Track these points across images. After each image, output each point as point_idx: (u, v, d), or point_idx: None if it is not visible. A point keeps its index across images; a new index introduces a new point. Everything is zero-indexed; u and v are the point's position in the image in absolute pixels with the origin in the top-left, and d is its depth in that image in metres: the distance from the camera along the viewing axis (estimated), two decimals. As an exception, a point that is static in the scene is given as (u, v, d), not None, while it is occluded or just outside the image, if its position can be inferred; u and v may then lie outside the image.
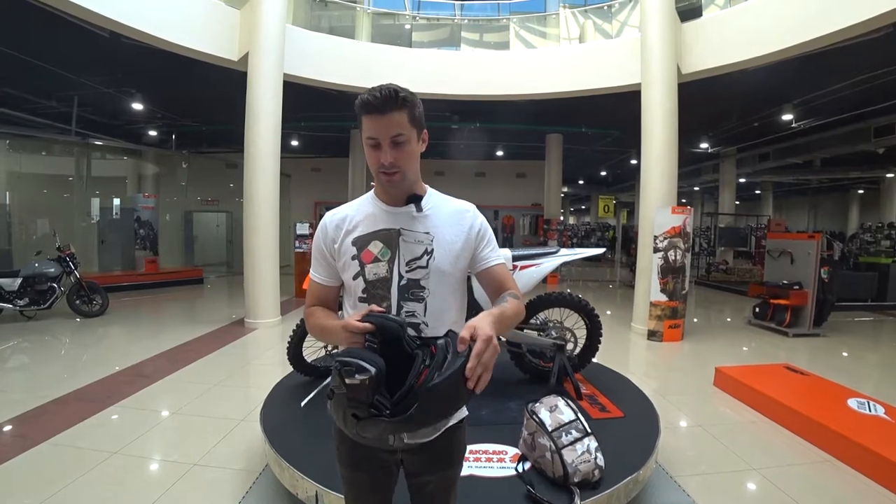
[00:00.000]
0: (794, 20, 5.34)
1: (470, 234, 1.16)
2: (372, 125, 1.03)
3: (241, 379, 4.26)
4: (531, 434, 2.14)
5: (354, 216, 1.17)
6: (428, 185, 1.22)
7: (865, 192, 19.14)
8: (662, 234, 5.67)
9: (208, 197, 13.35)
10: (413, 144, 1.08)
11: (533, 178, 14.38)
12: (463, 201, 1.23)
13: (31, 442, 2.81)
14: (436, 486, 1.19)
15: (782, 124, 9.55)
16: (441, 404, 0.85)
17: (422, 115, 1.10)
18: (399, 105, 1.02)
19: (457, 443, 1.20)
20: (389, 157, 1.05)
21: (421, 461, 1.15)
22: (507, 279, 1.18)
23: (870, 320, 7.49)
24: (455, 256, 1.14)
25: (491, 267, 1.18)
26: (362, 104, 1.03)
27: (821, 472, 2.71)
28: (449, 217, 1.17)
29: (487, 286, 1.20)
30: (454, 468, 1.22)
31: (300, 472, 2.04)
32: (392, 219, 1.14)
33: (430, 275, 1.11)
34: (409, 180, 1.12)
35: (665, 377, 4.65)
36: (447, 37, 9.01)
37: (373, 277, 1.12)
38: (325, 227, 1.19)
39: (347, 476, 1.20)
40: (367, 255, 1.12)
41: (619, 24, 8.14)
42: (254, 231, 6.14)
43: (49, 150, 10.59)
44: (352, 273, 1.14)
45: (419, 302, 1.11)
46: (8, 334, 5.50)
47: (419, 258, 1.11)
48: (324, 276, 1.21)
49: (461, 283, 1.18)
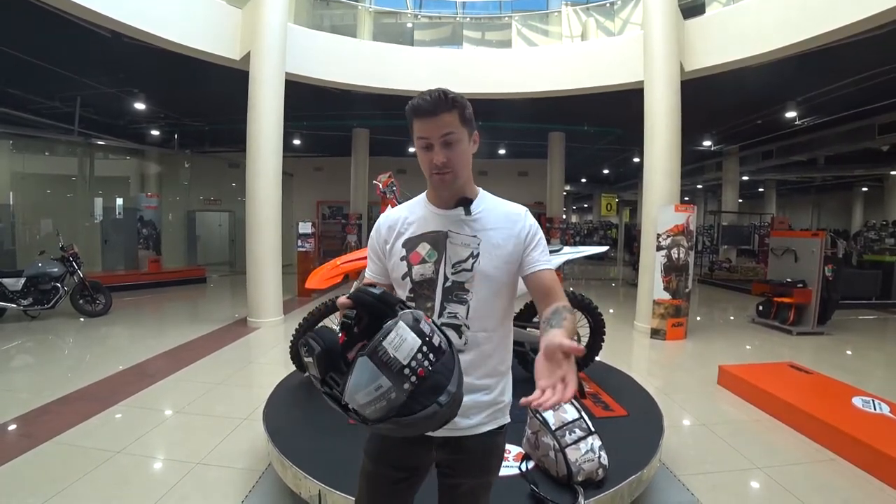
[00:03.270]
0: (797, 17, 5.31)
1: (519, 237, 1.14)
2: (423, 126, 1.05)
3: (244, 378, 4.26)
4: (534, 433, 2.14)
5: (407, 218, 1.19)
6: (481, 188, 1.21)
7: (869, 190, 19.03)
8: (665, 233, 5.65)
9: (211, 196, 13.40)
10: (464, 144, 1.09)
11: (535, 176, 14.37)
12: (516, 204, 1.21)
13: (36, 441, 2.82)
14: (468, 490, 1.18)
15: (786, 122, 9.50)
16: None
17: (472, 115, 1.11)
18: (449, 106, 1.04)
19: (495, 448, 1.19)
20: (441, 157, 1.06)
21: (458, 462, 1.15)
22: (555, 288, 1.12)
23: (874, 318, 7.46)
24: (502, 261, 1.12)
25: (538, 272, 1.14)
26: (413, 108, 1.05)
27: (825, 471, 2.70)
28: (498, 221, 1.15)
29: (535, 292, 1.15)
30: (490, 475, 1.21)
31: (303, 472, 2.04)
32: (441, 221, 1.15)
33: (475, 278, 1.11)
34: (460, 181, 1.12)
35: (668, 376, 4.64)
36: (449, 35, 9.00)
37: (419, 278, 1.13)
38: (379, 229, 1.22)
39: (369, 471, 1.17)
40: (414, 256, 1.14)
41: (622, 21, 8.12)
42: (256, 230, 6.14)
43: (52, 151, 10.64)
44: (400, 273, 1.16)
45: (462, 304, 1.11)
46: (12, 334, 5.52)
47: (464, 261, 1.12)
48: (374, 273, 1.24)
49: (508, 287, 1.16)
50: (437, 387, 0.83)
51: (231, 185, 12.99)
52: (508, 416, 1.20)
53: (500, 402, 1.17)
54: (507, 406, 1.20)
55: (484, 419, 1.13)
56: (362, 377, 0.80)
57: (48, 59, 6.81)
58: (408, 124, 1.09)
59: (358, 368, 0.81)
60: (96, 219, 10.28)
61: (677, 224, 5.61)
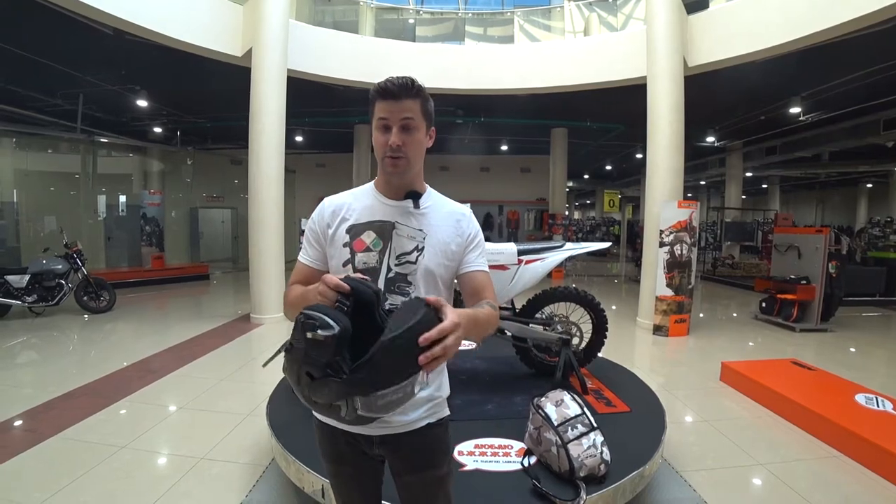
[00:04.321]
0: (802, 11, 5.26)
1: (462, 236, 1.17)
2: (385, 108, 1.06)
3: (247, 374, 4.28)
4: (537, 428, 2.14)
5: (352, 204, 1.17)
6: (429, 185, 1.22)
7: (874, 186, 18.91)
8: (668, 229, 5.64)
9: (213, 193, 13.42)
10: (421, 134, 1.10)
11: (538, 172, 14.33)
12: (460, 205, 1.24)
13: (41, 436, 2.85)
14: (420, 488, 1.17)
15: (790, 117, 9.43)
16: (392, 364, 0.79)
17: (432, 110, 1.13)
18: (414, 94, 1.06)
19: (436, 442, 1.17)
20: (398, 140, 1.06)
21: (400, 459, 1.15)
22: (486, 287, 1.16)
23: (878, 315, 7.43)
24: (445, 258, 1.14)
25: (473, 272, 1.17)
26: (378, 90, 1.06)
27: (828, 468, 2.69)
28: (445, 218, 1.18)
29: (466, 291, 1.17)
30: (436, 469, 1.17)
31: (306, 467, 2.05)
32: (389, 211, 1.15)
33: (418, 271, 1.12)
34: (412, 171, 1.13)
35: (671, 372, 4.64)
36: (451, 31, 8.97)
37: (362, 266, 1.12)
38: (321, 211, 1.20)
39: (332, 470, 1.22)
40: (359, 243, 1.13)
41: (625, 16, 8.08)
42: (259, 227, 6.15)
43: (55, 148, 10.66)
44: (342, 260, 1.14)
45: (403, 296, 1.12)
46: (17, 331, 5.56)
47: (409, 253, 1.12)
48: (312, 259, 1.20)
49: (448, 286, 1.18)
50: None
51: (234, 181, 13.02)
52: (448, 410, 1.20)
53: (438, 398, 1.17)
54: (443, 401, 1.20)
55: (422, 415, 1.13)
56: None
57: (51, 57, 6.82)
58: (370, 106, 1.09)
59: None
60: (100, 216, 10.32)
61: (680, 220, 5.59)
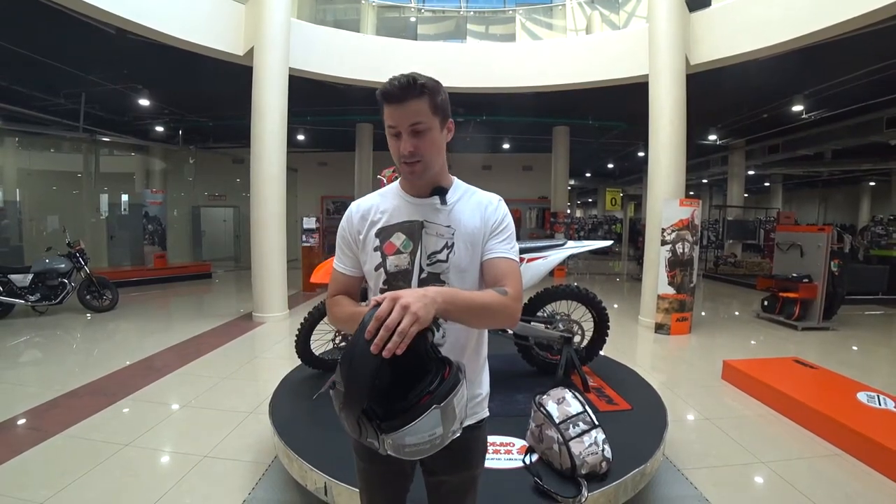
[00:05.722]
0: (804, 9, 5.24)
1: (487, 223, 1.11)
2: (391, 113, 1.01)
3: (250, 372, 4.30)
4: (539, 426, 2.15)
5: (380, 205, 1.15)
6: (456, 177, 1.18)
7: (877, 185, 18.84)
8: (670, 227, 5.63)
9: (215, 192, 13.45)
10: (435, 133, 1.05)
11: (539, 170, 14.33)
12: (490, 193, 1.17)
13: (46, 434, 2.86)
14: (453, 487, 1.17)
15: (792, 115, 9.40)
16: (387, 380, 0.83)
17: (445, 102, 1.07)
18: (418, 93, 0.99)
19: (476, 443, 1.17)
20: (409, 146, 1.02)
21: (438, 459, 1.12)
22: (507, 275, 1.05)
23: (880, 314, 7.41)
24: (475, 251, 1.10)
25: (493, 258, 1.08)
26: (382, 93, 1.01)
27: (829, 466, 2.69)
28: (473, 210, 1.12)
29: (487, 280, 1.09)
30: (472, 470, 1.18)
31: (309, 464, 2.06)
32: (416, 210, 1.11)
33: (450, 270, 1.08)
34: (432, 171, 1.08)
35: (673, 370, 4.64)
36: (453, 29, 8.96)
37: (394, 269, 1.10)
38: (350, 217, 1.17)
39: (362, 468, 1.20)
40: (389, 246, 1.10)
41: (627, 14, 8.06)
42: (261, 226, 6.16)
43: (58, 147, 10.70)
44: (374, 264, 1.12)
45: None
46: (20, 330, 5.58)
47: (439, 251, 1.09)
48: (347, 266, 1.18)
49: (482, 277, 1.13)
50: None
51: (236, 180, 13.03)
52: (487, 410, 1.19)
53: (479, 395, 1.17)
54: (485, 399, 1.19)
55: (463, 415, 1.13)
56: (426, 425, 0.80)
57: (53, 56, 6.83)
58: (379, 110, 1.04)
59: (428, 417, 0.80)
60: (102, 215, 10.36)
61: (682, 218, 5.58)
